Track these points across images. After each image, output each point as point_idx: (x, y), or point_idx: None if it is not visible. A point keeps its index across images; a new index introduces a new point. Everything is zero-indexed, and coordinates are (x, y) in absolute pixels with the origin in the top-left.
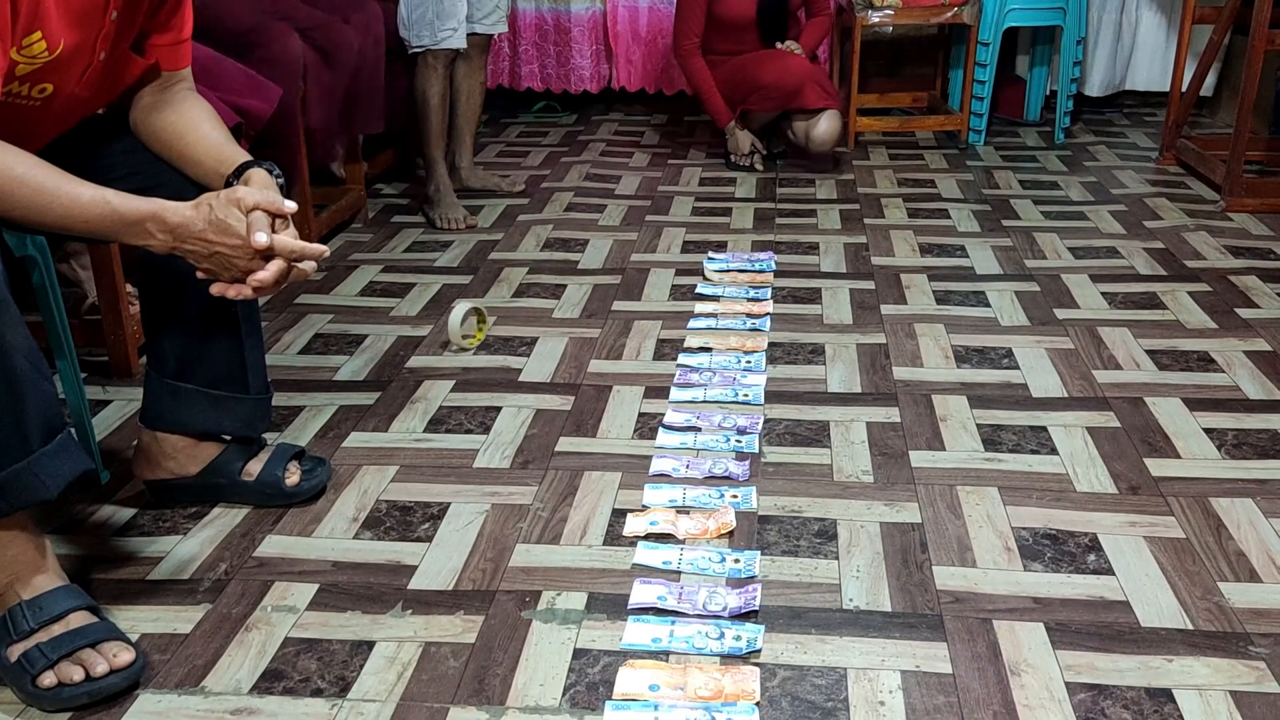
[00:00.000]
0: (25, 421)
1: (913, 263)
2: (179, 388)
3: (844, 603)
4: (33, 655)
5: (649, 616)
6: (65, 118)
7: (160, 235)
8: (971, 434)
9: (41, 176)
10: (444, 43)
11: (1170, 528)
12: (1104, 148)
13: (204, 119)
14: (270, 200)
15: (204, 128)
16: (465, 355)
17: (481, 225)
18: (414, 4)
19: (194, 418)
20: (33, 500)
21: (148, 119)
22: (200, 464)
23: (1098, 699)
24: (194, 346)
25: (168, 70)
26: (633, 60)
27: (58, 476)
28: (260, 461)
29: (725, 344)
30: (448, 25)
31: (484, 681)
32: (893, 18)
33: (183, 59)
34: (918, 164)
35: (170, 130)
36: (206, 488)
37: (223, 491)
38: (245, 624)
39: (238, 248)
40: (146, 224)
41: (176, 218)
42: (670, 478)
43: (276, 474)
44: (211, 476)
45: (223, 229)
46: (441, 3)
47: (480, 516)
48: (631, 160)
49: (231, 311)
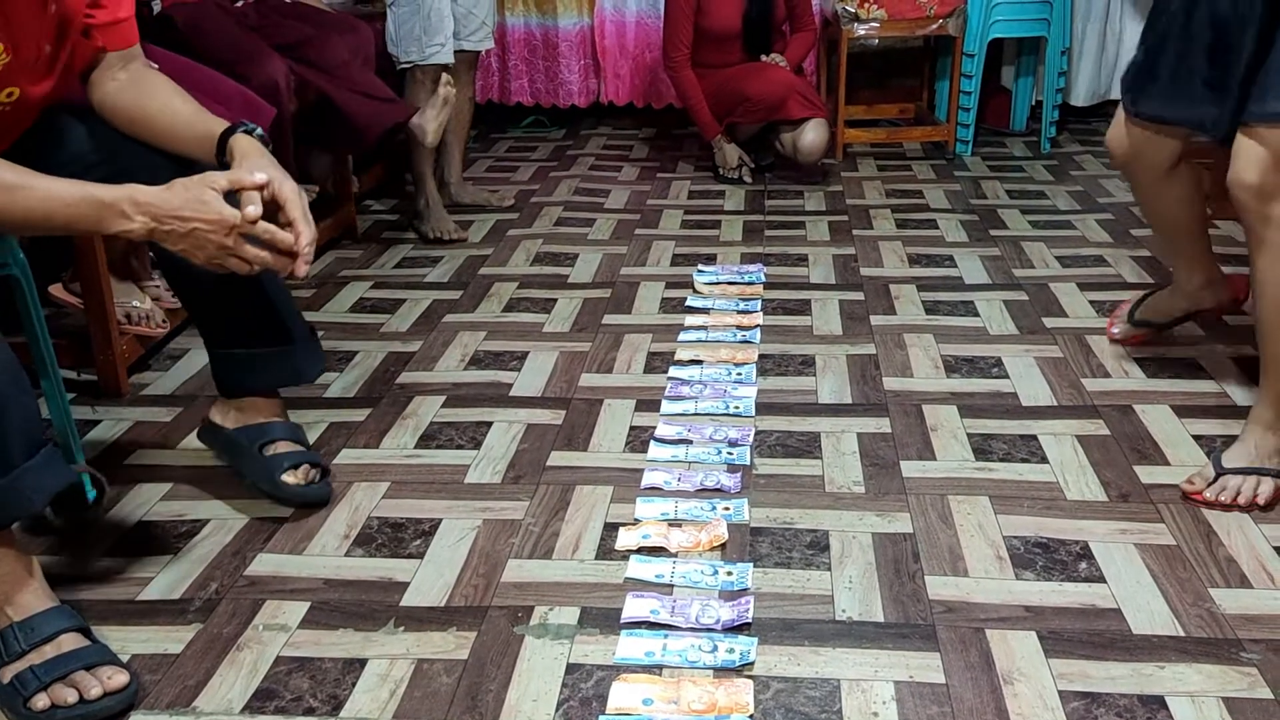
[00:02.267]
0: (7, 436)
1: (901, 273)
2: (233, 354)
3: (837, 614)
4: (25, 677)
5: (642, 630)
6: (29, 115)
7: (138, 217)
8: (962, 443)
9: (12, 176)
10: (432, 58)
11: (1161, 535)
12: (1090, 157)
13: (171, 93)
14: (238, 178)
15: (175, 102)
16: (455, 371)
17: (471, 240)
18: (401, 20)
19: (254, 379)
20: (17, 515)
21: (115, 101)
22: (240, 424)
23: (1091, 707)
24: (228, 314)
25: (114, 50)
26: (621, 74)
27: (41, 491)
28: (286, 447)
29: (716, 356)
30: (435, 41)
31: (477, 698)
32: (878, 30)
33: (127, 37)
34: (905, 175)
35: (139, 109)
36: (232, 444)
37: (239, 454)
38: (237, 643)
39: (214, 223)
40: (123, 205)
41: (149, 196)
42: (662, 491)
43: (281, 463)
44: (241, 435)
45: (198, 205)
46: (429, 19)
47: (472, 532)
48: (620, 174)
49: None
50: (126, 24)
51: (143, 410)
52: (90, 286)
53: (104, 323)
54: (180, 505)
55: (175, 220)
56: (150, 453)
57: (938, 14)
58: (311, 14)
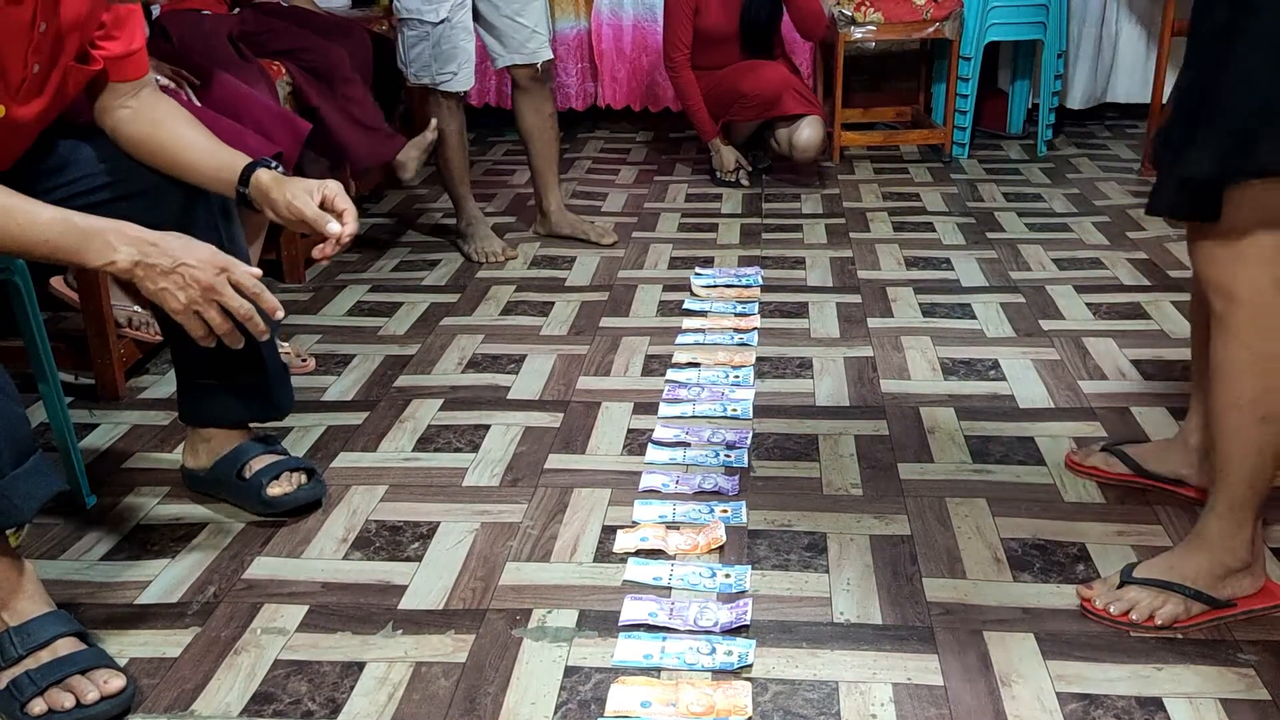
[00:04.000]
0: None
1: (899, 276)
2: (202, 384)
3: (835, 616)
4: (21, 682)
5: (640, 633)
6: (21, 135)
7: (123, 249)
8: (959, 445)
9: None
10: (443, 86)
11: (1157, 536)
12: (1086, 160)
13: (183, 123)
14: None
15: (190, 134)
16: (453, 374)
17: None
18: (410, 43)
19: (217, 412)
20: (6, 524)
21: (127, 129)
22: (213, 458)
23: (1089, 709)
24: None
25: (116, 82)
26: (618, 78)
27: (30, 499)
28: (261, 463)
29: (713, 359)
30: (447, 69)
31: (475, 701)
32: (875, 33)
33: (140, 67)
34: (902, 178)
35: (154, 139)
36: (213, 481)
37: (223, 488)
38: (235, 647)
39: (204, 262)
40: (108, 235)
41: (139, 230)
42: (660, 493)
43: (261, 480)
44: (218, 470)
45: (188, 244)
46: (439, 46)
47: (470, 535)
48: (618, 177)
49: None
50: (139, 54)
51: (140, 414)
52: (88, 291)
53: (102, 327)
54: (178, 509)
55: (165, 256)
56: (148, 456)
57: (934, 17)
58: (310, 19)
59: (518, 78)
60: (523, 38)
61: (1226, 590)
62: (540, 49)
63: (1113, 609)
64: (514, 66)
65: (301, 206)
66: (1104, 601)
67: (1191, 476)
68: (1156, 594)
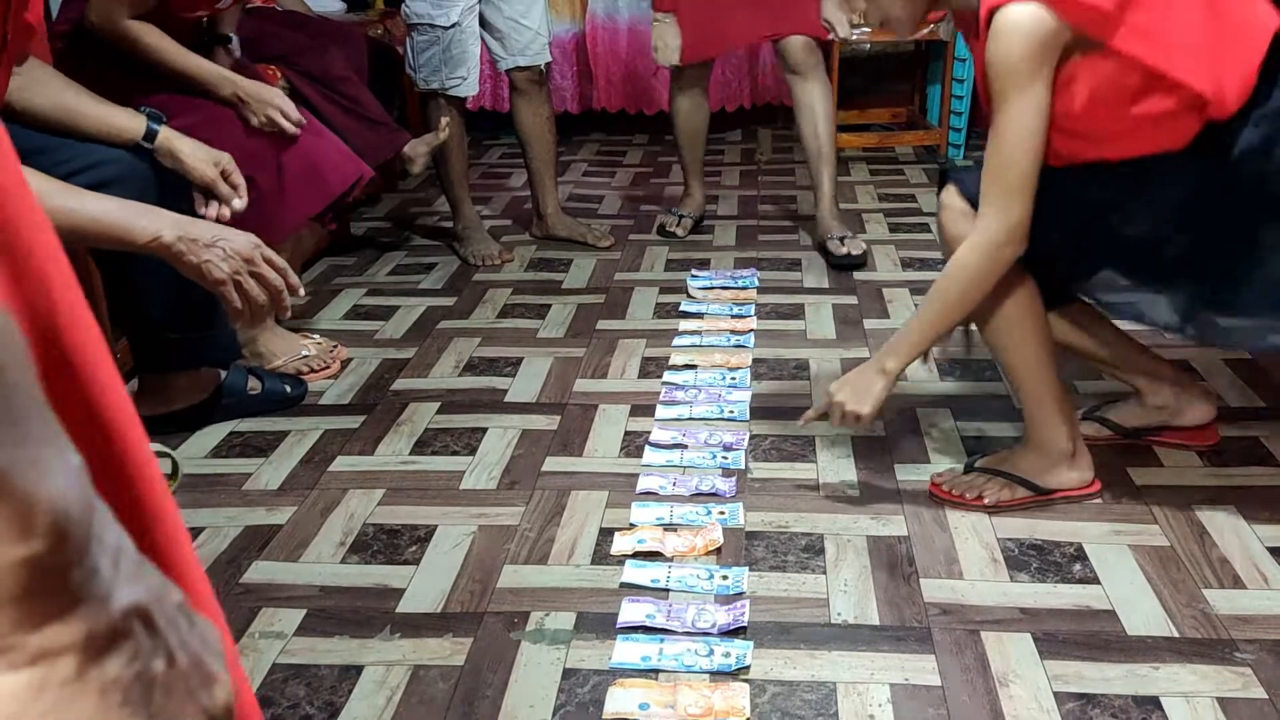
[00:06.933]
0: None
1: (895, 277)
2: (165, 337)
3: (832, 617)
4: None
5: (638, 635)
6: None
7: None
8: (956, 445)
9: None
10: (453, 90)
11: (1154, 536)
12: None
13: (62, 87)
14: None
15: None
16: (450, 377)
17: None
18: (420, 48)
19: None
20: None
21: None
22: (208, 390)
23: (1086, 708)
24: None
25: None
26: (613, 81)
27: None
28: (256, 378)
29: (710, 361)
30: (456, 74)
31: (474, 704)
32: (870, 35)
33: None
34: (898, 179)
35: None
36: (219, 407)
37: (231, 409)
38: None
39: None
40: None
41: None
42: (657, 495)
43: (280, 385)
44: (225, 396)
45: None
46: (449, 50)
47: (468, 538)
48: (614, 180)
49: None
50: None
51: None
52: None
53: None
54: None
55: (203, 230)
56: None
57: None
58: (305, 23)
59: (516, 80)
60: (525, 40)
61: (1052, 482)
62: (542, 51)
63: (954, 490)
64: (515, 69)
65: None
66: (948, 485)
67: (1171, 415)
68: (989, 479)
